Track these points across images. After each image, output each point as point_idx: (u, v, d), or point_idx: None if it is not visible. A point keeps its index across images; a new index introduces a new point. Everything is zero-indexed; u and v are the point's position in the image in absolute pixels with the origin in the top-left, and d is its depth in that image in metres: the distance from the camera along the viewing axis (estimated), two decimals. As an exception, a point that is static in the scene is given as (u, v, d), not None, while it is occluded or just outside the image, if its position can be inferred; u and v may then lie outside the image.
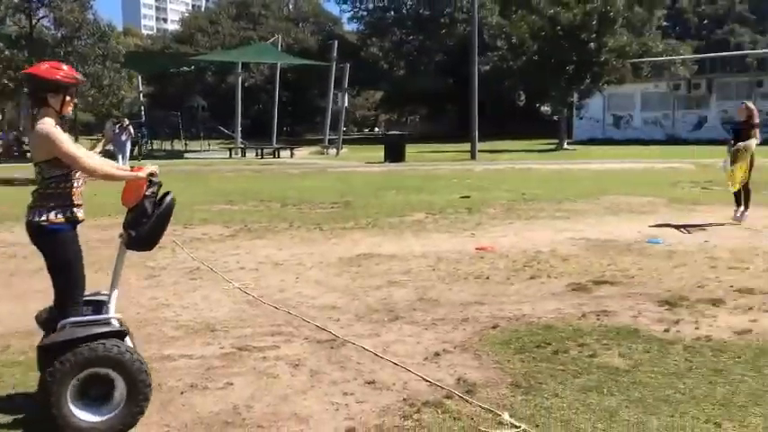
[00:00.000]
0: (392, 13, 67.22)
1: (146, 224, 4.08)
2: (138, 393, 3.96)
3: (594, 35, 35.67)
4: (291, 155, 36.62)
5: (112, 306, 4.13)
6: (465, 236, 10.54)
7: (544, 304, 6.53)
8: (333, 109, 40.80)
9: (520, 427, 3.94)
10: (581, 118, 46.01)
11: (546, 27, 36.38)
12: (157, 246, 4.35)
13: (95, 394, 3.95)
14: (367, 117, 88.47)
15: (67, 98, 4.09)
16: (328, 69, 39.84)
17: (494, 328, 5.85)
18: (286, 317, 6.38)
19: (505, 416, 4.07)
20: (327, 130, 41.05)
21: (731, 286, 7.00)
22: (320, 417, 4.22)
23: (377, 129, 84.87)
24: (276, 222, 12.11)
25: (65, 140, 3.97)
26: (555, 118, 64.16)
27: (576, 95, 40.06)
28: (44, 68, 4.07)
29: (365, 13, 68.64)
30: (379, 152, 31.46)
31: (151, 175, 4.13)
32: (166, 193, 4.20)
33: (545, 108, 66.82)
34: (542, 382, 4.60)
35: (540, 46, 36.58)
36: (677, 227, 10.78)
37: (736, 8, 65.10)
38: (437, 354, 5.26)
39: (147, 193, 4.09)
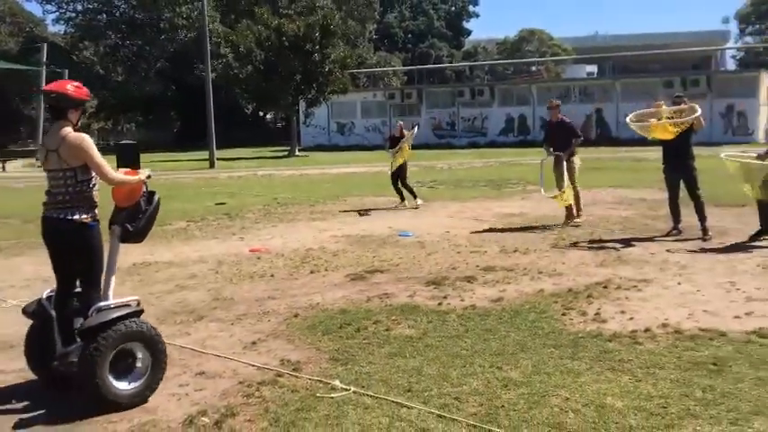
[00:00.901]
0: (104, 15, 63.86)
1: (141, 219, 4.85)
2: (160, 363, 4.69)
3: (318, 46, 37.50)
4: (3, 168, 33.65)
5: (111, 291, 4.68)
6: (234, 240, 11.02)
7: (332, 293, 7.34)
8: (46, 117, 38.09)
9: (350, 389, 4.67)
10: (307, 125, 47.92)
11: (272, 37, 37.47)
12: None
13: (124, 366, 4.56)
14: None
15: (82, 113, 4.83)
16: (34, 74, 37.06)
17: (295, 317, 6.52)
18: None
19: (336, 382, 4.78)
20: (42, 140, 38.14)
21: (477, 266, 8.40)
22: (166, 406, 4.58)
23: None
24: (27, 238, 11.53)
25: (95, 149, 4.65)
26: (278, 125, 66.10)
27: (303, 104, 41.71)
28: (70, 88, 4.72)
29: (74, 15, 64.41)
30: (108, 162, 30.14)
31: (147, 177, 4.88)
32: (152, 193, 4.83)
33: (269, 116, 68.26)
34: (354, 355, 5.38)
35: (267, 55, 37.57)
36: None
37: (434, 24, 71.97)
38: (254, 343, 5.81)
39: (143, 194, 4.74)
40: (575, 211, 11.44)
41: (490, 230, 11.12)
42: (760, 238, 9.39)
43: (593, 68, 55.38)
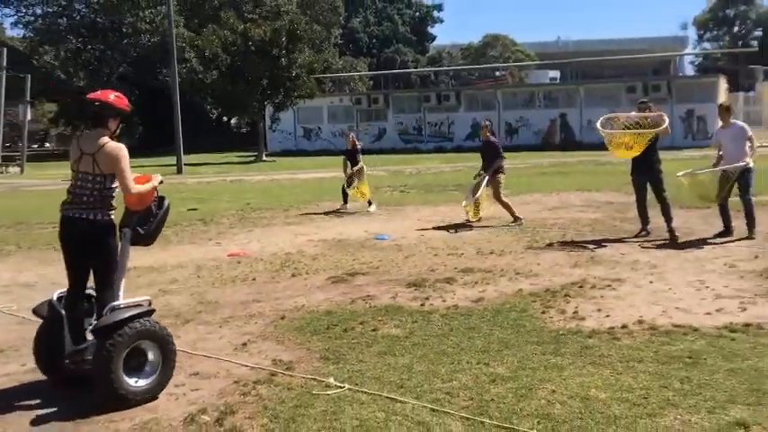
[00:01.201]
0: (65, 19, 62.90)
1: (152, 223, 5.10)
2: (170, 360, 4.88)
3: (285, 51, 37.54)
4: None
5: (121, 292, 4.85)
6: (211, 245, 11.08)
7: (315, 296, 7.48)
8: (6, 123, 37.46)
9: (344, 386, 4.82)
10: (274, 130, 47.88)
11: (238, 42, 37.41)
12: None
13: (136, 364, 4.74)
14: (35, 131, 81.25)
15: (120, 122, 5.09)
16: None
17: (282, 318, 6.64)
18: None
19: (331, 380, 4.93)
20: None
21: (455, 268, 8.60)
22: (165, 405, 4.69)
23: (47, 144, 78.71)
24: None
25: (128, 161, 4.90)
26: (243, 131, 65.75)
27: (270, 109, 41.67)
28: (112, 97, 5.00)
29: (33, 19, 63.36)
30: (67, 169, 29.83)
31: (160, 183, 5.15)
32: (162, 198, 5.05)
33: (234, 121, 67.93)
34: (345, 354, 5.53)
35: (233, 60, 37.48)
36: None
37: (399, 30, 72.39)
38: (244, 344, 5.92)
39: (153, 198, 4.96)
40: (514, 218, 12.16)
41: (465, 233, 11.34)
42: (724, 238, 9.78)
43: (555, 74, 56.20)
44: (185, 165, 32.37)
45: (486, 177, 12.19)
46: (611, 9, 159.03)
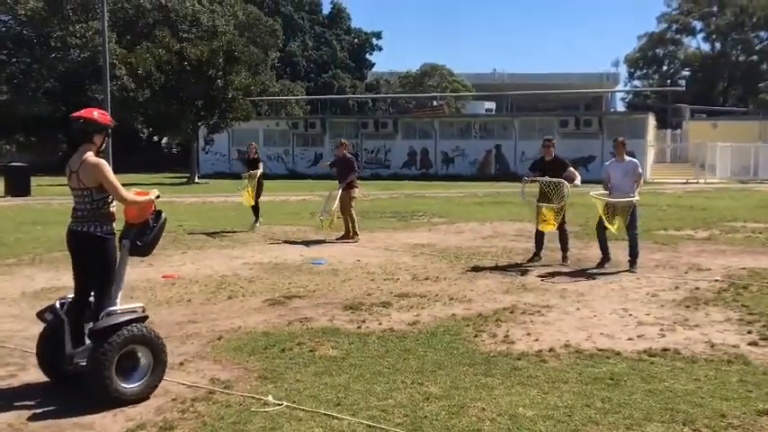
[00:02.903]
0: (-12, 31, 60.88)
1: (149, 235, 5.34)
2: (160, 365, 5.15)
3: (221, 72, 37.36)
4: None
5: (119, 299, 5.04)
6: (144, 266, 10.92)
7: (252, 317, 7.55)
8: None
9: (282, 404, 4.92)
10: (207, 152, 47.40)
11: (173, 61, 37.01)
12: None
13: (128, 366, 5.01)
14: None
15: (106, 138, 5.34)
16: None
17: (219, 339, 6.69)
18: (4, 350, 6.42)
19: (269, 398, 5.03)
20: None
21: (391, 292, 8.79)
22: (102, 422, 4.71)
23: None
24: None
25: (110, 172, 5.13)
26: (174, 151, 64.69)
27: (205, 130, 41.29)
28: (96, 114, 5.27)
29: (-47, 29, 61.16)
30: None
31: (156, 197, 5.41)
32: (159, 212, 5.27)
33: (165, 141, 66.82)
34: (282, 373, 5.63)
35: (167, 79, 37.04)
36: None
37: (338, 55, 72.94)
38: (181, 363, 5.95)
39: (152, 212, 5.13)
40: (351, 233, 13.78)
41: (400, 259, 11.56)
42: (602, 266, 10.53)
43: (491, 105, 57.56)
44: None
45: (340, 191, 13.75)
46: (546, 44, 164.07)
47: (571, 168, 10.90)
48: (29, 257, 11.71)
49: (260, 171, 16.04)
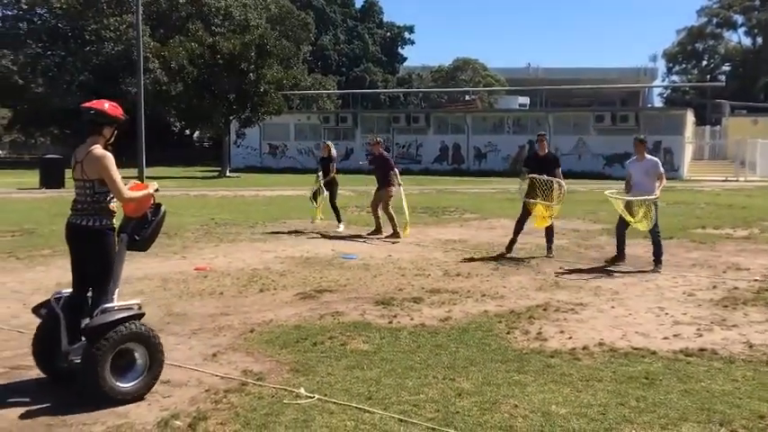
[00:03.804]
0: (25, 24, 61.80)
1: (147, 229, 5.26)
2: (157, 363, 5.00)
3: (253, 66, 37.51)
4: None
5: (116, 296, 4.92)
6: (177, 259, 11.07)
7: (284, 311, 7.57)
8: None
9: (314, 396, 4.93)
10: (238, 146, 47.71)
11: (206, 55, 37.24)
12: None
13: (123, 364, 4.88)
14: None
15: (115, 131, 5.22)
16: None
17: (251, 332, 6.73)
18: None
19: (301, 390, 5.04)
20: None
21: (423, 288, 8.77)
22: (137, 411, 4.76)
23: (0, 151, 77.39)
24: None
25: (113, 166, 5.03)
26: (205, 145, 65.16)
27: (236, 124, 41.52)
28: (107, 106, 5.15)
29: (-9, 22, 62.12)
30: (23, 177, 29.73)
31: (155, 191, 5.29)
32: (159, 205, 5.14)
33: (197, 134, 67.42)
34: (314, 366, 5.65)
35: (200, 73, 37.29)
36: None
37: (370, 49, 72.89)
38: (214, 355, 6.00)
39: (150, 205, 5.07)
40: (391, 229, 13.44)
41: (431, 255, 11.52)
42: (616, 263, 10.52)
43: (525, 100, 57.06)
44: (147, 177, 32.04)
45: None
46: (581, 38, 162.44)
47: (559, 171, 11.22)
48: (63, 248, 11.86)
49: (332, 174, 14.89)
